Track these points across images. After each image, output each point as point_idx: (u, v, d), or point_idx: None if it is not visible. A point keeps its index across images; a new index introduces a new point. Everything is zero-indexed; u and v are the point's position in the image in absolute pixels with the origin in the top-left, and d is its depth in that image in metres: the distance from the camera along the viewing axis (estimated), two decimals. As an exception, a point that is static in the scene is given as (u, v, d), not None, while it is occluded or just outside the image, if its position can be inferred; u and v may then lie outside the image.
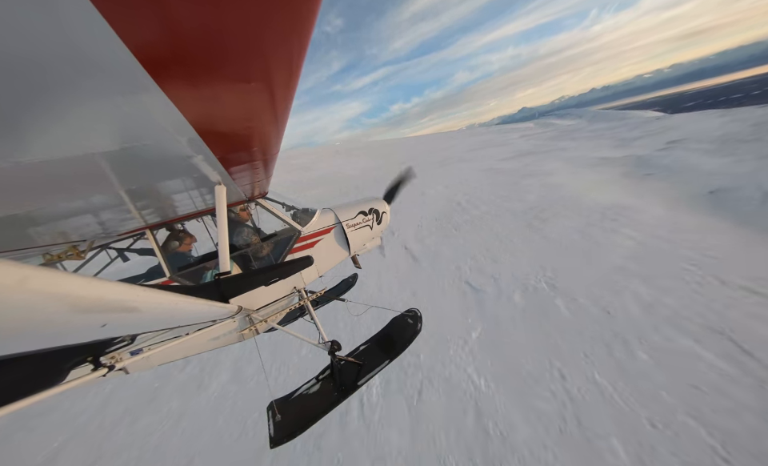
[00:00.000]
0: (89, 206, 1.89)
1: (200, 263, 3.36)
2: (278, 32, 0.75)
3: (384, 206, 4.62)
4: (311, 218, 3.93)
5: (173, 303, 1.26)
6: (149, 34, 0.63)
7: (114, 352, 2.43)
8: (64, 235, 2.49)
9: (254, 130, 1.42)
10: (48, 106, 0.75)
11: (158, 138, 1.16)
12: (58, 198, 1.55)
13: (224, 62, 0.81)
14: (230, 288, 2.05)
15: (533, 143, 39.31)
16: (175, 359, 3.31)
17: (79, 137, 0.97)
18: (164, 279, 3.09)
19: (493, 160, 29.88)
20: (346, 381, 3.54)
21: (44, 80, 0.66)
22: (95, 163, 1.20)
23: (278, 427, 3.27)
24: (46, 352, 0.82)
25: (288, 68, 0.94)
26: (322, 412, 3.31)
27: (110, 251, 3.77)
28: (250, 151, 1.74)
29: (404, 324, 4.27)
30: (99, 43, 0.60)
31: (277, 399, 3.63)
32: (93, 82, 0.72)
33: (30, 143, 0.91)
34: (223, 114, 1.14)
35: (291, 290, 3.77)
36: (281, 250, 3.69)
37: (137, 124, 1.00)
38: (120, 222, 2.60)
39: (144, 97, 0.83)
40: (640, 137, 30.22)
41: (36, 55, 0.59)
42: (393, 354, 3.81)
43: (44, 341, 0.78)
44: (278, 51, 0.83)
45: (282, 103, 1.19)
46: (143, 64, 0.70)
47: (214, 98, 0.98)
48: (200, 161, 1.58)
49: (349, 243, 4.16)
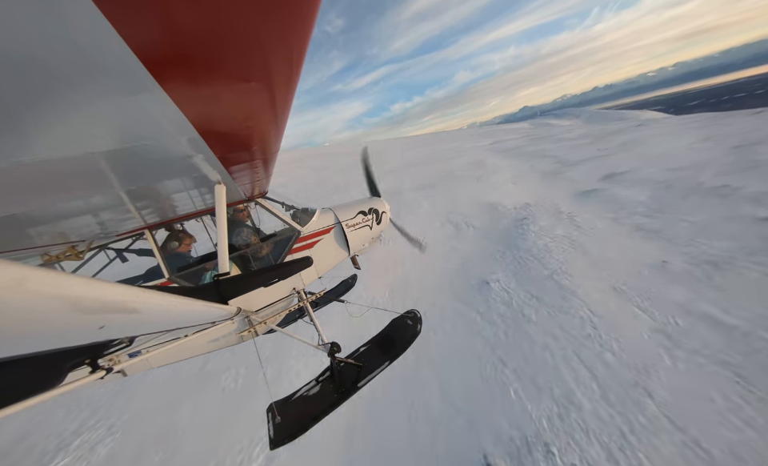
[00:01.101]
0: (88, 206, 1.88)
1: (199, 264, 3.35)
2: (278, 32, 0.75)
3: (384, 205, 4.60)
4: (311, 218, 3.92)
5: (171, 305, 1.26)
6: (150, 34, 0.63)
7: (112, 354, 2.41)
8: (63, 235, 2.48)
9: (255, 130, 1.42)
10: (50, 106, 0.75)
11: (158, 138, 1.16)
12: (58, 198, 1.54)
13: (225, 61, 0.81)
14: (229, 289, 2.04)
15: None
16: (174, 361, 3.29)
17: (80, 136, 0.97)
18: (163, 279, 3.07)
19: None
20: (346, 382, 3.53)
21: (46, 80, 0.66)
22: (96, 163, 1.20)
23: (277, 428, 3.26)
24: (44, 354, 0.81)
25: (288, 67, 0.94)
26: (322, 414, 3.30)
27: (109, 252, 3.76)
28: (250, 150, 1.73)
29: (404, 325, 4.26)
30: (101, 43, 0.60)
31: (277, 401, 3.61)
32: (94, 81, 0.72)
33: (32, 143, 0.91)
34: (224, 114, 1.14)
35: (290, 291, 3.76)
36: (280, 250, 3.68)
37: (138, 123, 0.99)
38: (119, 222, 2.59)
39: (145, 96, 0.83)
40: (585, 160, 23.83)
41: (38, 55, 0.59)
42: (393, 355, 3.79)
43: (42, 343, 0.77)
44: (278, 51, 0.83)
45: (282, 103, 1.19)
46: (145, 64, 0.70)
47: (215, 98, 0.98)
48: (200, 160, 1.58)
49: (348, 244, 4.15)
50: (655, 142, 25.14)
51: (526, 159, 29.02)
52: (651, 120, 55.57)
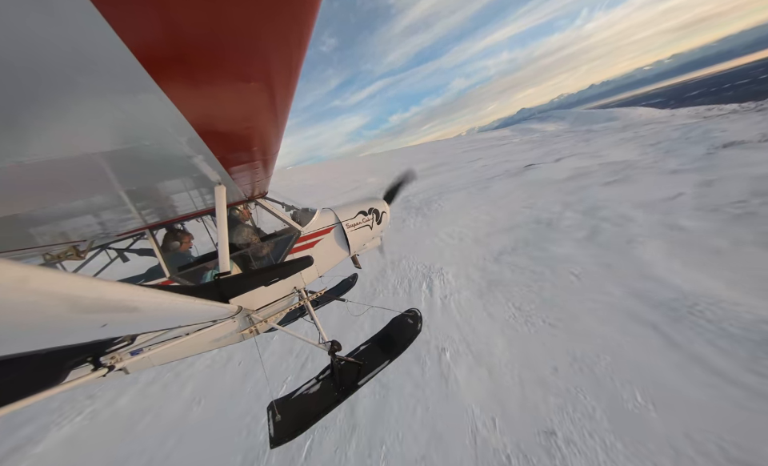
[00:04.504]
0: (89, 207, 1.88)
1: (200, 263, 3.36)
2: (278, 31, 0.74)
3: (384, 205, 4.61)
4: (311, 218, 3.93)
5: (173, 303, 1.26)
6: (149, 34, 0.63)
7: (114, 352, 2.43)
8: (64, 235, 2.48)
9: (254, 130, 1.42)
10: (49, 106, 0.75)
11: (158, 138, 1.16)
12: (58, 198, 1.55)
13: (224, 61, 0.81)
14: (230, 288, 2.05)
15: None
16: (175, 359, 3.30)
17: (80, 137, 0.97)
18: (164, 279, 3.08)
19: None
20: (346, 381, 3.54)
21: (45, 80, 0.66)
22: (95, 163, 1.20)
23: (278, 427, 3.26)
24: (46, 352, 0.82)
25: (288, 68, 0.94)
26: (323, 412, 3.31)
27: (110, 252, 3.77)
28: (250, 151, 1.73)
29: (404, 324, 4.26)
30: (100, 43, 0.60)
31: (277, 400, 3.62)
32: (93, 82, 0.72)
33: (31, 143, 0.91)
34: (223, 114, 1.14)
35: (291, 290, 3.76)
36: (281, 250, 3.69)
37: (137, 124, 0.99)
38: (120, 222, 2.60)
39: (144, 97, 0.83)
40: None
41: (37, 55, 0.59)
42: (393, 354, 3.80)
43: (44, 341, 0.78)
44: (277, 51, 0.83)
45: (282, 103, 1.19)
46: (144, 64, 0.70)
47: (214, 98, 0.98)
48: (200, 161, 1.58)
49: (348, 243, 4.16)
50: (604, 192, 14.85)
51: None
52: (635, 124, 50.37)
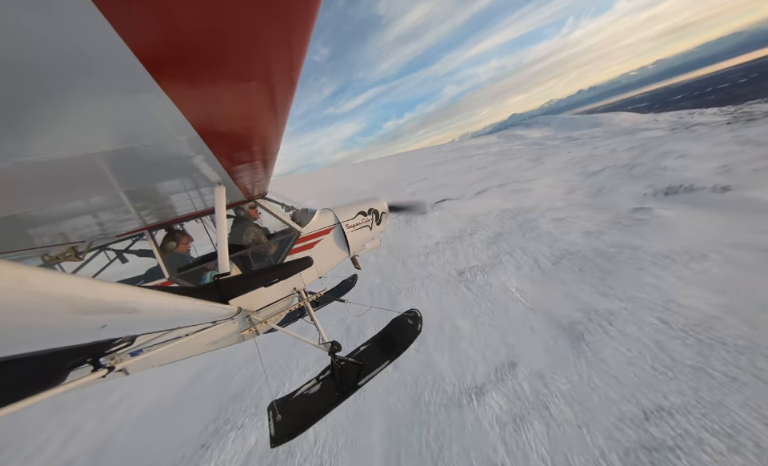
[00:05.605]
0: (88, 207, 1.88)
1: (199, 264, 3.35)
2: (278, 31, 0.74)
3: (384, 206, 4.61)
4: (311, 218, 3.92)
5: (172, 304, 1.26)
6: (150, 34, 0.63)
7: (113, 353, 2.42)
8: (63, 235, 2.48)
9: (254, 130, 1.42)
10: (49, 106, 0.75)
11: (158, 138, 1.16)
12: (58, 199, 1.54)
13: (224, 61, 0.80)
14: (230, 289, 2.04)
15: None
16: (175, 359, 3.29)
17: (80, 137, 0.97)
18: (163, 280, 3.07)
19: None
20: (347, 381, 3.53)
21: (46, 80, 0.66)
22: (96, 163, 1.20)
23: (278, 426, 3.26)
24: (45, 353, 0.81)
25: (288, 67, 0.93)
26: (323, 412, 3.30)
27: (109, 253, 3.76)
28: (250, 151, 1.73)
29: (404, 325, 4.25)
30: (101, 43, 0.60)
31: (277, 399, 3.61)
32: (94, 82, 0.72)
33: (32, 143, 0.91)
34: (223, 114, 1.13)
35: (291, 291, 3.76)
36: (280, 250, 3.68)
37: (138, 124, 0.99)
38: (119, 223, 2.59)
39: (145, 97, 0.83)
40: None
41: (38, 55, 0.59)
42: (393, 354, 3.79)
43: (43, 342, 0.77)
44: (278, 50, 0.82)
45: (282, 103, 1.18)
46: (144, 64, 0.69)
47: (215, 98, 0.98)
48: (200, 161, 1.58)
49: (348, 244, 4.15)
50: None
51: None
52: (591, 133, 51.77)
